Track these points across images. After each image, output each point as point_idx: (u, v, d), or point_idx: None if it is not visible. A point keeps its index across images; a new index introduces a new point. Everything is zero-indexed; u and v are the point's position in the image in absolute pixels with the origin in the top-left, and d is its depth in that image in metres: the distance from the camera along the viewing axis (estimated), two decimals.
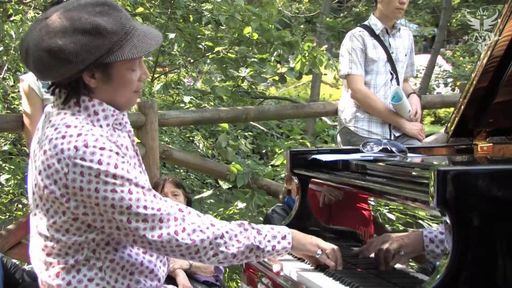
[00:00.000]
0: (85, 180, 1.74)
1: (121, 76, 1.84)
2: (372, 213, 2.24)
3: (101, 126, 1.84)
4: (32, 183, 1.88)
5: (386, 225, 2.17)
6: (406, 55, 4.09)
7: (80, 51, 1.75)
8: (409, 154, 2.53)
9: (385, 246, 2.05)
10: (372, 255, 2.14)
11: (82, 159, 1.74)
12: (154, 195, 1.82)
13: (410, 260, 2.02)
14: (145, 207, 1.77)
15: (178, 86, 6.48)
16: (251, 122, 6.53)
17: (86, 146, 1.75)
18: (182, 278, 3.23)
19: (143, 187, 1.80)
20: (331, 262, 2.09)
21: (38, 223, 1.87)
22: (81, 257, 1.85)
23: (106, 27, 1.77)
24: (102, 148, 1.76)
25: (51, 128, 1.82)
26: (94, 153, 1.75)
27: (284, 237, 1.97)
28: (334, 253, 2.10)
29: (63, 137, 1.77)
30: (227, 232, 1.86)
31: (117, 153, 1.78)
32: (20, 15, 5.65)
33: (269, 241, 1.93)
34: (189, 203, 3.68)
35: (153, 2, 5.82)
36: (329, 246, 2.10)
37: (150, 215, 1.78)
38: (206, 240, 1.82)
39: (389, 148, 2.51)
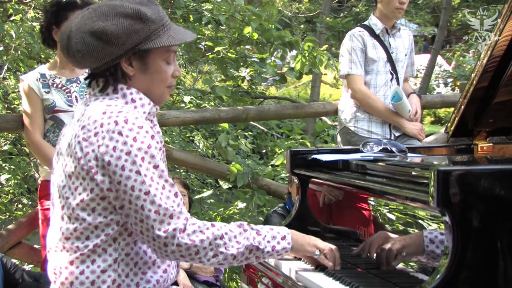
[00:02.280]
0: (115, 155, 1.78)
1: (157, 66, 1.92)
2: (372, 213, 2.25)
3: (138, 113, 1.89)
4: (61, 164, 1.91)
5: (386, 225, 2.17)
6: (406, 55, 4.09)
7: (121, 34, 1.84)
8: (409, 154, 2.53)
9: (386, 246, 2.05)
10: (372, 255, 2.14)
11: (120, 133, 1.79)
12: (172, 191, 1.83)
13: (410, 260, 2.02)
14: (161, 199, 1.79)
15: (178, 86, 6.48)
16: (251, 122, 6.53)
17: (126, 122, 1.80)
18: (182, 277, 3.23)
19: (166, 180, 1.82)
20: (329, 263, 2.09)
21: (64, 205, 1.89)
22: (100, 242, 1.86)
23: (146, 14, 1.86)
24: (140, 127, 1.81)
25: (90, 109, 1.88)
26: (132, 130, 1.80)
27: (283, 238, 1.97)
28: (332, 253, 2.10)
29: (104, 112, 1.83)
30: (226, 233, 1.86)
31: (153, 136, 1.83)
32: (20, 15, 5.65)
33: (268, 241, 1.94)
34: (189, 203, 3.69)
35: None
36: (327, 246, 2.10)
37: (164, 208, 1.79)
38: (206, 241, 1.83)
39: (389, 148, 2.51)
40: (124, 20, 1.84)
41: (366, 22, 4.09)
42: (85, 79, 1.98)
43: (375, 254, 2.13)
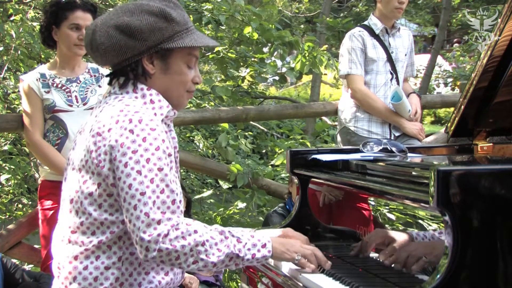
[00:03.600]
0: (121, 151, 1.80)
1: (178, 67, 1.95)
2: (372, 213, 2.25)
3: (155, 115, 1.91)
4: (75, 158, 1.93)
5: (386, 225, 2.17)
6: (406, 54, 4.09)
7: (145, 29, 1.87)
8: (409, 154, 2.53)
9: (411, 253, 2.01)
10: (392, 260, 2.10)
11: (131, 131, 1.81)
12: (171, 197, 1.82)
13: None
14: (154, 202, 1.79)
15: None
16: (251, 122, 6.53)
17: (140, 121, 1.82)
18: (185, 276, 3.23)
19: (167, 185, 1.82)
20: (311, 265, 2.07)
21: (73, 198, 1.91)
22: (106, 239, 1.87)
23: (171, 14, 1.91)
24: (152, 129, 1.82)
25: (108, 107, 1.90)
26: (144, 130, 1.81)
27: (264, 246, 1.95)
28: (313, 256, 2.07)
29: (121, 110, 1.86)
30: (207, 240, 1.85)
31: (163, 140, 1.83)
32: (20, 15, 5.65)
33: (249, 249, 1.92)
34: (189, 203, 3.69)
35: None
36: (306, 250, 2.07)
37: (154, 212, 1.78)
38: (187, 247, 1.81)
39: (389, 148, 2.51)
40: (148, 17, 1.88)
41: (366, 22, 4.09)
42: (107, 76, 2.01)
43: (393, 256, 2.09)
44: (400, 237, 2.08)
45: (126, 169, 1.79)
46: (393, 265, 2.07)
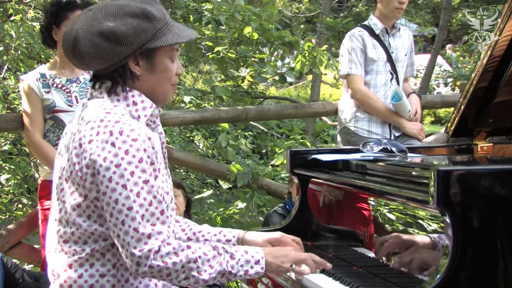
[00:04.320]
0: (104, 166, 1.76)
1: (163, 64, 1.92)
2: (372, 213, 2.24)
3: (138, 117, 1.89)
4: (60, 166, 1.90)
5: (386, 225, 2.17)
6: (406, 55, 4.09)
7: (130, 33, 1.83)
8: (409, 154, 2.53)
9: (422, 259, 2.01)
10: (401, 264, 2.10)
11: (112, 144, 1.77)
12: (159, 208, 1.80)
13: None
14: (143, 216, 1.76)
15: (179, 86, 6.48)
16: (251, 122, 6.53)
17: (120, 133, 1.78)
18: None
19: (154, 197, 1.79)
20: (305, 271, 2.05)
21: (62, 208, 1.88)
22: (99, 247, 1.85)
23: (152, 12, 1.87)
24: (134, 140, 1.79)
25: (90, 113, 1.87)
26: (125, 142, 1.78)
27: (257, 262, 1.93)
28: (310, 260, 2.05)
29: (101, 120, 1.82)
30: (200, 256, 1.83)
31: (145, 150, 1.80)
32: (20, 15, 5.65)
33: (242, 265, 1.90)
34: (189, 203, 3.68)
35: None
36: (301, 256, 2.05)
37: (143, 226, 1.76)
38: (179, 264, 1.80)
39: (389, 148, 2.51)
40: (132, 20, 1.84)
41: (366, 22, 4.09)
42: (90, 80, 1.97)
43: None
44: (419, 244, 2.08)
45: (111, 184, 1.76)
46: (392, 265, 2.07)
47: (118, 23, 1.83)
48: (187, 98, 5.42)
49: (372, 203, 2.25)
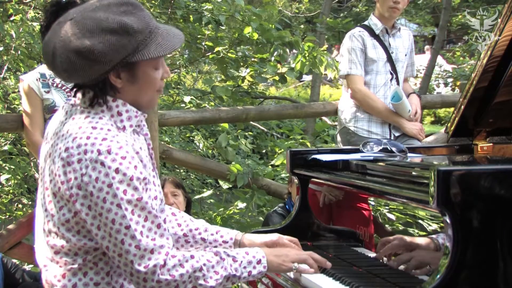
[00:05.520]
0: (97, 187, 1.73)
1: (146, 75, 1.85)
2: (372, 213, 2.25)
3: (124, 128, 1.84)
4: (45, 176, 1.87)
5: (386, 225, 2.17)
6: (406, 55, 4.10)
7: (109, 51, 1.75)
8: (409, 154, 2.53)
9: (417, 259, 2.02)
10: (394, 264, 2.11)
11: (102, 164, 1.73)
12: (155, 222, 1.79)
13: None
14: (142, 233, 1.76)
15: (178, 86, 6.48)
16: (251, 122, 6.53)
17: (109, 152, 1.74)
18: None
19: (149, 212, 1.78)
20: (310, 270, 2.05)
21: (50, 220, 1.85)
22: (91, 257, 1.84)
23: (132, 26, 1.77)
24: (123, 157, 1.75)
25: (75, 126, 1.81)
26: (115, 160, 1.74)
27: (259, 262, 1.95)
28: (310, 260, 2.05)
29: (88, 137, 1.77)
30: (204, 264, 1.84)
31: (136, 167, 1.77)
32: (20, 15, 5.65)
33: (244, 267, 1.92)
34: (189, 203, 3.68)
35: (153, 2, 5.82)
36: (302, 256, 2.05)
37: (144, 243, 1.76)
38: (186, 275, 1.80)
39: (389, 148, 2.51)
40: (110, 37, 1.75)
41: (366, 22, 4.10)
42: (71, 90, 1.91)
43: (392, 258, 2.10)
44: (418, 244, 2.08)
45: (106, 205, 1.73)
46: (392, 265, 2.07)
47: (96, 40, 1.75)
48: (187, 98, 5.42)
49: (372, 203, 2.25)
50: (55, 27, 1.84)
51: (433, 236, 1.91)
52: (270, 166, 5.38)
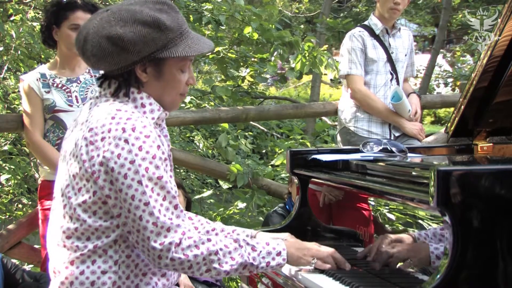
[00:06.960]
0: (119, 163, 1.77)
1: (171, 74, 1.92)
2: (372, 213, 2.25)
3: (147, 119, 1.88)
4: (66, 163, 1.90)
5: (386, 225, 2.17)
6: (406, 55, 4.10)
7: (138, 41, 1.82)
8: (409, 154, 2.53)
9: (393, 253, 2.04)
10: (376, 258, 2.13)
11: (126, 141, 1.78)
12: (173, 203, 1.83)
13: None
14: (160, 211, 1.79)
15: None
16: (251, 122, 6.53)
17: (133, 130, 1.79)
18: (183, 277, 3.23)
19: (168, 192, 1.82)
20: (327, 266, 2.08)
21: (66, 203, 1.89)
22: (101, 244, 1.86)
23: (165, 22, 1.85)
24: (147, 136, 1.80)
25: (99, 111, 1.87)
26: (138, 138, 1.79)
27: (279, 254, 1.97)
28: (330, 258, 2.09)
29: (113, 118, 1.82)
30: (221, 248, 1.86)
31: (159, 146, 1.82)
32: (20, 15, 5.65)
33: (263, 257, 1.93)
34: (189, 203, 3.69)
35: None
36: (323, 254, 2.08)
37: (161, 220, 1.79)
38: (200, 256, 1.83)
39: (389, 148, 2.51)
40: (142, 28, 1.83)
41: (366, 22, 4.10)
42: (98, 79, 1.97)
43: (378, 257, 2.11)
44: (401, 240, 2.08)
45: (127, 181, 1.78)
46: (392, 265, 2.07)
47: (127, 29, 1.82)
48: (187, 98, 5.42)
49: (372, 203, 2.25)
50: (93, 16, 1.92)
51: (411, 230, 1.91)
52: (270, 166, 5.38)
